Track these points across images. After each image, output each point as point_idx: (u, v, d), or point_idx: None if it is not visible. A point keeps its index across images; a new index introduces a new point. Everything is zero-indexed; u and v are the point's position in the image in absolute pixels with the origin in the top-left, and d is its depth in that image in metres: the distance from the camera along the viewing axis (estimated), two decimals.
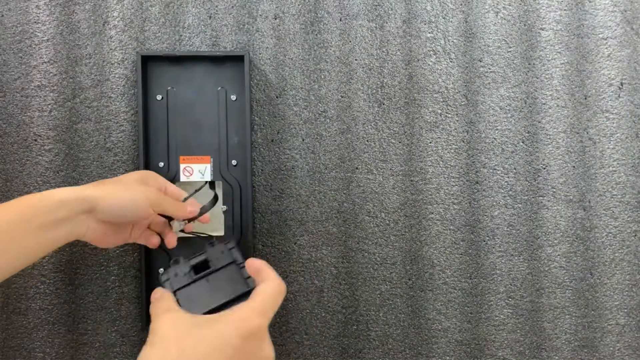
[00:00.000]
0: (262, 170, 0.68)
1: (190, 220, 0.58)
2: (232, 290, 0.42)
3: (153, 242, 0.59)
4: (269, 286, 0.40)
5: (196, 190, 0.61)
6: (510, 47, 0.69)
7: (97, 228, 0.52)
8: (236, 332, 0.37)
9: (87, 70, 0.67)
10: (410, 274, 0.68)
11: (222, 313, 0.38)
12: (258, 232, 0.67)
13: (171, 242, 0.59)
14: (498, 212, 0.69)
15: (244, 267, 0.45)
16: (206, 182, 0.65)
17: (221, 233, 0.66)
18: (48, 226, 0.47)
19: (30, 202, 0.48)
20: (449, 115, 0.69)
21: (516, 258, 0.69)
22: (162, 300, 0.42)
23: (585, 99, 0.69)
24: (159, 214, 0.57)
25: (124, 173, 0.66)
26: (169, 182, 0.59)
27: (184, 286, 0.44)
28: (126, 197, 0.52)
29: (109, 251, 0.66)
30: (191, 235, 0.62)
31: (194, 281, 0.45)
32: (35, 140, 0.66)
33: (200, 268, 0.46)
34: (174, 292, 0.44)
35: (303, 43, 0.68)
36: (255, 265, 0.43)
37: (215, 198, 0.61)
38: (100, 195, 0.50)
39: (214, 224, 0.65)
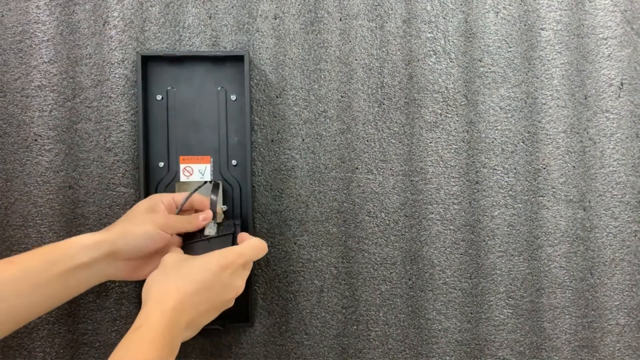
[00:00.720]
0: (262, 170, 0.68)
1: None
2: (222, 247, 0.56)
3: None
4: (250, 241, 0.55)
5: (191, 194, 0.61)
6: (510, 47, 0.69)
7: (124, 266, 0.56)
8: (215, 261, 0.51)
9: (87, 70, 0.67)
10: (410, 274, 0.68)
11: (213, 251, 0.52)
12: (258, 232, 0.67)
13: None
14: (498, 212, 0.69)
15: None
16: (205, 182, 0.65)
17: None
18: (72, 271, 0.51)
19: (53, 248, 0.51)
20: (449, 115, 0.69)
21: (516, 258, 0.69)
22: (172, 248, 0.57)
23: (586, 99, 0.69)
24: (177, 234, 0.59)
25: (124, 173, 0.66)
26: (175, 195, 0.60)
27: (192, 242, 0.59)
28: (139, 233, 0.55)
29: None
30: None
31: (200, 240, 0.59)
32: (36, 140, 0.66)
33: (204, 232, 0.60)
34: (184, 243, 0.59)
35: (303, 43, 0.68)
36: (243, 237, 0.58)
37: (216, 186, 0.63)
38: (115, 238, 0.54)
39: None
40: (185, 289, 0.48)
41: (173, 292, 0.47)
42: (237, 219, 0.62)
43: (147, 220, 0.55)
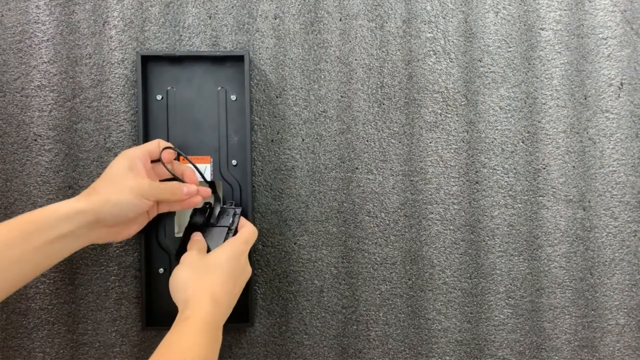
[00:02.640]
0: (262, 170, 0.68)
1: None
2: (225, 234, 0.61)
3: (179, 206, 0.62)
4: (248, 228, 0.60)
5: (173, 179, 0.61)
6: (510, 47, 0.69)
7: (106, 232, 0.56)
8: (233, 252, 0.56)
9: (87, 70, 0.67)
10: (410, 274, 0.68)
11: (225, 243, 0.58)
12: (258, 232, 0.67)
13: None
14: (498, 212, 0.69)
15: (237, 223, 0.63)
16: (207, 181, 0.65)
17: None
18: (52, 242, 0.51)
19: (32, 218, 0.50)
20: (449, 115, 0.69)
21: (516, 258, 0.69)
22: (198, 237, 0.60)
23: (585, 99, 0.69)
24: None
25: None
26: (149, 147, 0.58)
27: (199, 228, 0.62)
28: (123, 201, 0.54)
29: (109, 251, 0.66)
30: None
31: (208, 226, 0.62)
32: (35, 140, 0.66)
33: (210, 220, 0.63)
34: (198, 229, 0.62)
35: (303, 43, 0.68)
36: (242, 222, 0.62)
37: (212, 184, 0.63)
38: (98, 206, 0.53)
39: None
40: (219, 281, 0.54)
41: (209, 286, 0.53)
42: (237, 207, 0.64)
43: (129, 187, 0.55)
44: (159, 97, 0.66)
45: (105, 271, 0.66)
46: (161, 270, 0.66)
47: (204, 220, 0.62)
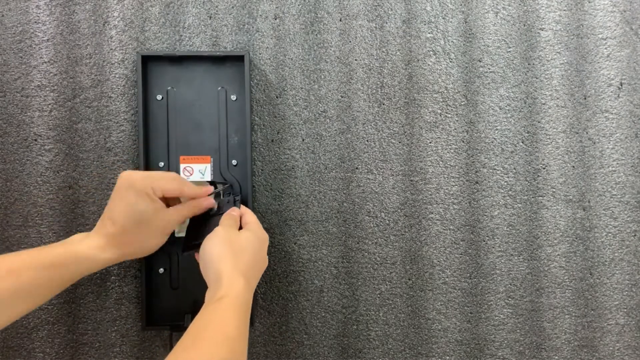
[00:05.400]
0: (262, 170, 0.68)
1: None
2: None
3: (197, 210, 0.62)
4: (253, 216, 0.60)
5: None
6: (509, 48, 0.69)
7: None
8: (254, 233, 0.57)
9: (87, 70, 0.67)
10: (410, 274, 0.68)
11: (253, 225, 0.59)
12: None
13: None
14: (498, 212, 0.69)
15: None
16: (212, 181, 0.65)
17: None
18: (70, 279, 0.54)
19: (57, 263, 0.52)
20: (449, 115, 0.69)
21: (516, 258, 0.69)
22: (235, 213, 0.60)
23: (585, 99, 0.70)
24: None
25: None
26: (169, 184, 0.58)
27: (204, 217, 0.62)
28: (150, 246, 0.58)
29: None
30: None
31: (212, 215, 0.61)
32: (36, 140, 0.66)
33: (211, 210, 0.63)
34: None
35: (303, 43, 0.68)
36: (244, 210, 0.62)
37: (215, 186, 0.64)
38: (126, 252, 0.57)
39: None
40: (250, 261, 0.54)
41: (243, 265, 0.53)
42: (237, 195, 0.64)
43: (157, 231, 0.57)
44: (159, 97, 0.66)
45: (105, 271, 0.66)
46: (161, 270, 0.66)
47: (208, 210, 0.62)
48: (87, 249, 0.54)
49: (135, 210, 0.55)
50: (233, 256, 0.53)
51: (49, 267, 0.51)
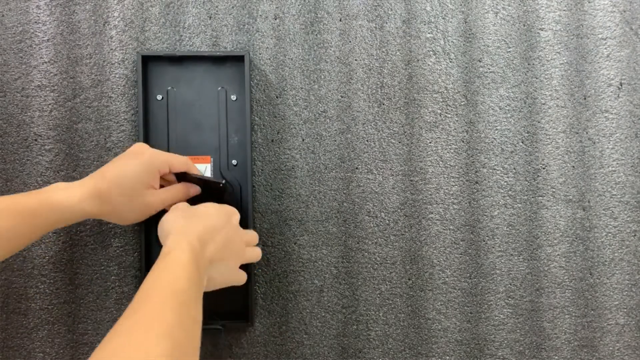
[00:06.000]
0: (262, 170, 0.68)
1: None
2: None
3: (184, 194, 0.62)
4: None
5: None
6: (509, 48, 0.69)
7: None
8: (223, 207, 0.57)
9: (87, 70, 0.67)
10: (410, 274, 0.68)
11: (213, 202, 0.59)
12: (258, 232, 0.67)
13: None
14: (498, 212, 0.69)
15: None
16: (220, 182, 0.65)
17: None
18: (47, 228, 0.54)
19: (34, 210, 0.52)
20: (449, 115, 0.69)
21: (516, 258, 0.69)
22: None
23: (585, 99, 0.70)
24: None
25: None
26: (171, 160, 0.60)
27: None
28: (131, 217, 0.59)
29: (109, 251, 0.66)
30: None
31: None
32: (36, 140, 0.66)
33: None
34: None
35: (303, 43, 0.68)
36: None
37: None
38: (107, 213, 0.56)
39: None
40: (205, 224, 0.53)
41: (194, 227, 0.52)
42: (232, 187, 0.65)
43: (140, 206, 0.57)
44: (159, 97, 0.66)
45: (105, 271, 0.66)
46: None
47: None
48: (67, 199, 0.53)
49: (132, 175, 0.56)
50: (185, 222, 0.53)
51: (28, 215, 0.51)
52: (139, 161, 0.57)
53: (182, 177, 0.62)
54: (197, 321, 0.45)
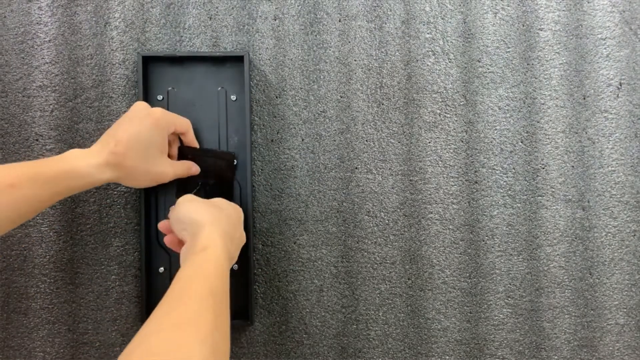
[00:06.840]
0: (262, 170, 0.68)
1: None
2: None
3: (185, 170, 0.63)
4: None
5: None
6: (508, 48, 0.69)
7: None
8: (232, 205, 0.59)
9: (88, 71, 0.67)
10: (410, 274, 0.68)
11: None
12: (258, 232, 0.68)
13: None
14: (497, 211, 0.69)
15: None
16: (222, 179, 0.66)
17: None
18: (64, 194, 0.54)
19: (59, 177, 0.52)
20: (448, 115, 0.69)
21: (515, 258, 0.69)
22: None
23: (584, 99, 0.70)
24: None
25: None
26: (179, 126, 0.61)
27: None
28: (145, 182, 0.59)
29: (109, 250, 0.67)
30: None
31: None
32: (37, 140, 0.67)
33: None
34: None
35: (302, 44, 0.69)
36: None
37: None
38: (123, 176, 0.57)
39: None
40: (228, 220, 0.54)
41: (222, 221, 0.53)
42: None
43: (157, 170, 0.58)
44: (159, 97, 0.66)
45: (105, 270, 0.67)
46: (161, 269, 0.66)
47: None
48: (87, 167, 0.54)
49: (146, 138, 0.57)
50: (211, 212, 0.53)
51: (48, 181, 0.51)
52: (151, 124, 0.58)
53: (189, 150, 0.63)
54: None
